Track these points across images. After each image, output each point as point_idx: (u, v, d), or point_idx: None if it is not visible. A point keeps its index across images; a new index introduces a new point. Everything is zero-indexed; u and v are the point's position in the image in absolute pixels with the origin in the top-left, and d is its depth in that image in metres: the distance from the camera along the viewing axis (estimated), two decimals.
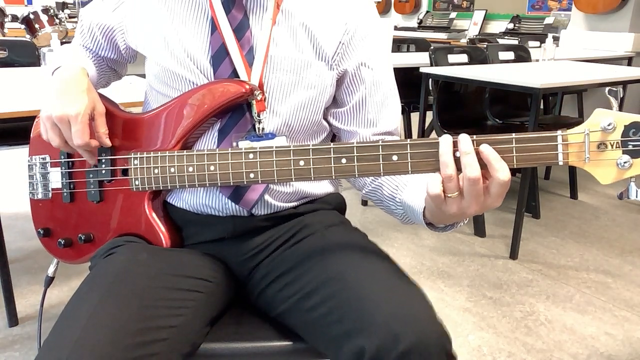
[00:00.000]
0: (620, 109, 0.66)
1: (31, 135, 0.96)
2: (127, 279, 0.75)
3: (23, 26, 3.61)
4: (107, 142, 0.86)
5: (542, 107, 3.17)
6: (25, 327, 1.67)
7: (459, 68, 2.61)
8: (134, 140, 0.88)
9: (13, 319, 1.67)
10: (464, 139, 0.67)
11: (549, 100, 3.30)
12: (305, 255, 0.85)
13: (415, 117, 2.84)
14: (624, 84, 2.80)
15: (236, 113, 0.86)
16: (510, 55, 3.09)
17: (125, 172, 0.88)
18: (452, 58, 2.84)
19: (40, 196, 0.95)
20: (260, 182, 0.77)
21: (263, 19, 0.86)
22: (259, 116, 0.85)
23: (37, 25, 3.57)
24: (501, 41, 4.66)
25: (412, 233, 2.49)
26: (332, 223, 0.94)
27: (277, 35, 0.86)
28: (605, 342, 1.69)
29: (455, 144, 0.67)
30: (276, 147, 0.75)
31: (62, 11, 4.02)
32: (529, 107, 2.58)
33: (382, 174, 0.72)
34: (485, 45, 3.09)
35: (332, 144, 0.73)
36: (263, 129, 0.86)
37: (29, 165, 0.96)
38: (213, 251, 0.91)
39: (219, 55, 0.85)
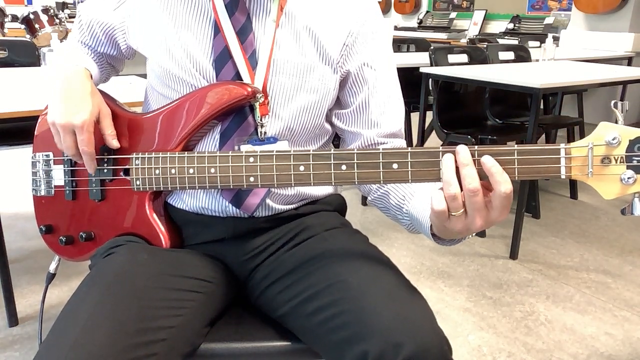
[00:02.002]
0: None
1: (35, 132, 0.97)
2: (126, 279, 0.75)
3: (23, 26, 3.61)
4: (115, 144, 0.86)
5: (542, 107, 3.17)
6: (25, 327, 1.67)
7: (459, 68, 2.61)
8: (136, 140, 0.88)
9: (13, 319, 1.67)
10: (462, 151, 0.66)
11: (549, 100, 3.31)
12: (306, 258, 0.85)
13: (415, 117, 2.84)
14: (624, 84, 2.81)
15: (238, 116, 0.85)
16: (510, 55, 3.10)
17: (126, 171, 0.88)
18: (452, 58, 2.84)
19: (42, 193, 0.95)
20: (260, 186, 0.77)
21: (266, 22, 0.86)
22: (261, 120, 0.85)
23: (37, 25, 3.57)
24: (501, 41, 4.67)
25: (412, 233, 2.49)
26: (333, 225, 0.94)
27: (280, 38, 0.86)
28: (605, 342, 1.69)
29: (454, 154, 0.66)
30: (276, 151, 0.75)
31: (62, 11, 4.02)
32: (529, 107, 2.58)
33: (382, 181, 0.71)
34: (485, 45, 3.09)
35: (332, 149, 0.72)
36: (265, 133, 0.86)
37: (32, 162, 0.96)
38: (213, 252, 0.91)
39: (222, 59, 0.85)
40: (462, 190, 0.65)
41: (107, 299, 0.71)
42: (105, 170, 0.89)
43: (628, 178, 0.63)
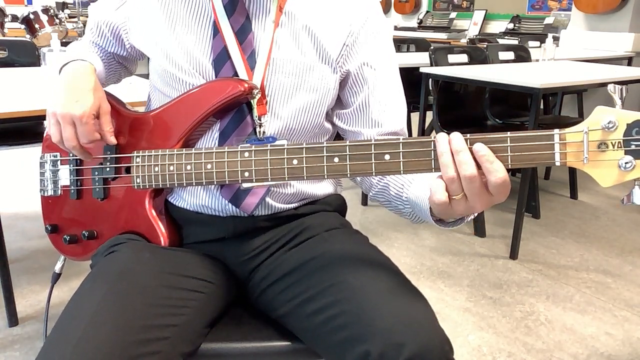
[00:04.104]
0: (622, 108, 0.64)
1: (45, 133, 0.98)
2: (129, 277, 0.75)
3: (23, 26, 3.62)
4: (112, 140, 0.86)
5: (542, 107, 3.17)
6: (25, 327, 1.67)
7: (459, 68, 2.61)
8: (138, 138, 0.89)
9: (13, 319, 1.67)
10: (456, 137, 0.65)
11: (549, 100, 3.30)
12: (306, 258, 0.85)
13: (415, 117, 2.84)
14: (624, 84, 2.80)
15: (237, 115, 0.86)
16: (510, 55, 3.09)
17: (128, 170, 0.88)
18: (452, 58, 2.84)
19: (50, 193, 0.96)
20: (254, 180, 0.77)
21: (266, 21, 0.86)
22: (260, 119, 0.85)
23: (37, 25, 3.58)
24: (501, 41, 4.66)
25: (412, 233, 2.49)
26: (333, 226, 0.94)
27: (279, 38, 0.86)
28: (605, 342, 1.69)
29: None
30: (271, 145, 0.75)
31: (62, 11, 4.03)
32: (529, 107, 2.58)
33: (374, 173, 0.70)
34: (485, 45, 3.09)
35: (325, 142, 0.72)
36: (264, 132, 0.86)
37: (40, 162, 0.97)
38: (213, 251, 0.91)
39: (221, 59, 0.85)
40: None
41: (111, 296, 0.71)
42: (108, 169, 0.89)
43: (626, 164, 0.59)
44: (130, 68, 1.08)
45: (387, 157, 0.69)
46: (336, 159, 0.71)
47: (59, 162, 0.95)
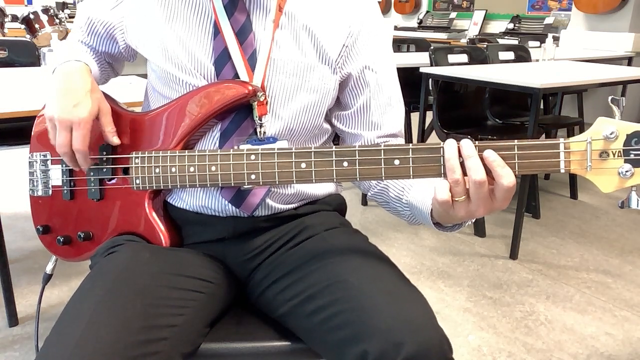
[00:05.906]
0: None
1: (32, 132, 0.97)
2: (129, 278, 0.75)
3: (23, 26, 3.62)
4: (115, 141, 0.86)
5: (542, 107, 3.16)
6: (25, 327, 1.67)
7: (459, 68, 2.61)
8: (135, 139, 0.88)
9: (13, 319, 1.67)
10: (466, 144, 0.67)
11: (549, 100, 3.30)
12: (306, 258, 0.85)
13: (415, 117, 2.85)
14: (624, 84, 2.80)
15: (238, 116, 0.85)
16: (510, 55, 3.09)
17: (126, 170, 0.88)
18: (452, 58, 2.84)
19: (40, 193, 0.95)
20: (261, 183, 0.77)
21: (266, 21, 0.86)
22: (260, 120, 0.85)
23: (37, 25, 3.58)
24: (501, 41, 4.66)
25: (412, 233, 2.49)
26: (332, 225, 0.94)
27: (280, 38, 0.86)
28: (605, 342, 1.69)
29: (458, 149, 0.68)
30: (278, 148, 0.75)
31: (62, 11, 4.03)
32: (529, 107, 2.58)
33: (383, 177, 0.72)
34: (485, 45, 3.09)
35: (334, 147, 0.73)
36: (264, 132, 0.86)
37: (29, 162, 0.96)
38: (213, 251, 0.91)
39: (221, 60, 0.85)
40: (466, 177, 0.67)
41: (111, 297, 0.71)
42: (105, 170, 0.89)
43: (626, 171, 0.64)
44: (116, 69, 1.06)
45: (396, 162, 0.71)
46: (345, 163, 0.72)
47: (49, 162, 0.94)
